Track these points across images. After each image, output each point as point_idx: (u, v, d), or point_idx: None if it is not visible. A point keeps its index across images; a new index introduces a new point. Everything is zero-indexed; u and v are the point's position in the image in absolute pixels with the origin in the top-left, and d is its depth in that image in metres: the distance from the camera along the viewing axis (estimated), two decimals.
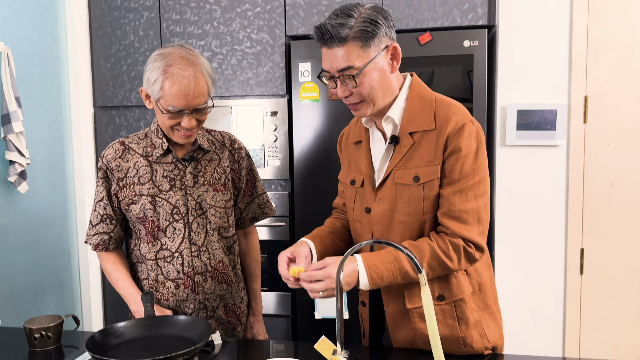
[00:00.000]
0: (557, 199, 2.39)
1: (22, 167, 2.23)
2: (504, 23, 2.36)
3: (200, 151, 1.64)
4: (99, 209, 1.62)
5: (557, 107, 2.32)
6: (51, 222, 2.55)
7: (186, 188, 1.59)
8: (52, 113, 2.58)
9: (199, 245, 1.61)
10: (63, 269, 2.64)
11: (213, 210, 1.62)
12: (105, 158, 1.61)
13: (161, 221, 1.58)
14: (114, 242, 1.64)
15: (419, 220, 1.35)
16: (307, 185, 2.58)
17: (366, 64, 1.26)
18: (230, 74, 2.63)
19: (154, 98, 1.50)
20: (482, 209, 1.32)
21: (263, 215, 1.80)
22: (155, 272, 1.60)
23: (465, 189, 1.30)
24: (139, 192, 1.58)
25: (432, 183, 1.32)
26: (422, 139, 1.33)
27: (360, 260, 1.31)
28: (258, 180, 1.79)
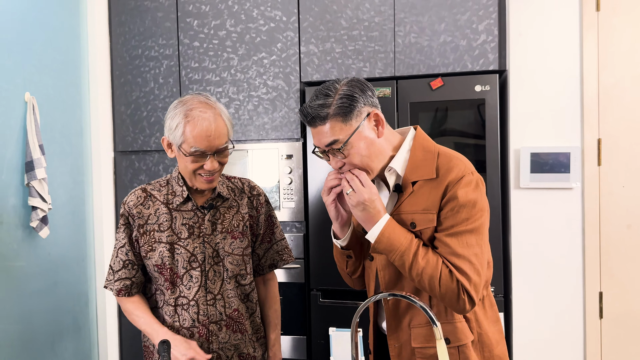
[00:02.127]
0: (573, 242, 2.37)
1: (44, 212, 2.29)
2: (514, 68, 2.40)
3: (220, 199, 1.67)
4: (120, 254, 1.64)
5: (570, 150, 2.33)
6: (70, 266, 2.59)
7: (204, 236, 1.62)
8: (74, 158, 2.65)
9: (214, 294, 1.62)
10: (81, 313, 2.66)
11: (230, 258, 1.64)
12: (127, 205, 1.65)
13: (179, 269, 1.61)
14: (136, 287, 1.66)
15: None
16: (322, 227, 2.59)
17: (349, 135, 1.32)
18: (247, 119, 2.69)
19: (176, 144, 1.55)
20: (474, 259, 1.31)
21: (282, 262, 1.81)
22: (172, 319, 1.61)
23: (457, 234, 1.31)
24: (158, 239, 1.61)
25: (428, 231, 1.35)
26: (422, 187, 1.36)
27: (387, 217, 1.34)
28: (277, 226, 1.80)
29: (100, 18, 2.78)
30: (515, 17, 2.40)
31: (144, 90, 2.80)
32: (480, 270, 1.31)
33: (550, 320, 2.40)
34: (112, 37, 2.84)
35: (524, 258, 2.42)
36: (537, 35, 2.38)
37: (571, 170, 2.32)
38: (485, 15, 2.43)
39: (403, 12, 2.51)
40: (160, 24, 2.77)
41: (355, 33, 2.56)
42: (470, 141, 2.39)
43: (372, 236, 1.34)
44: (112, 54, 2.84)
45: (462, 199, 1.31)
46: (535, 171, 2.35)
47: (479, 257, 1.32)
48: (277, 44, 2.65)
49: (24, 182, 2.27)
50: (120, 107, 2.83)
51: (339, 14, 2.58)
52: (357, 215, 1.35)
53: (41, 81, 2.43)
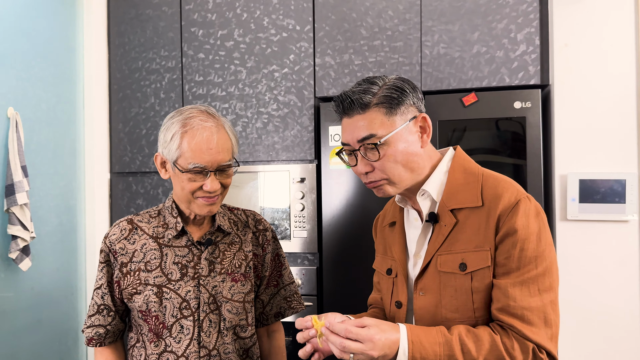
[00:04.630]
0: (629, 282, 2.05)
1: (25, 242, 2.03)
2: (559, 82, 2.11)
3: (220, 233, 1.41)
4: (96, 297, 1.40)
5: (625, 177, 2.02)
6: (57, 301, 2.33)
7: (200, 277, 1.36)
8: (66, 180, 2.41)
9: (209, 349, 1.35)
10: (68, 353, 2.39)
11: (229, 305, 1.37)
12: (109, 239, 1.39)
13: (167, 317, 1.34)
14: (111, 336, 1.41)
15: (468, 317, 1.11)
16: (338, 259, 2.31)
17: (390, 132, 1.13)
18: (255, 138, 2.43)
19: (171, 160, 1.30)
20: (549, 308, 1.06)
21: (290, 311, 1.53)
22: None
23: (527, 281, 1.06)
24: (144, 280, 1.34)
25: (482, 273, 1.09)
26: (468, 218, 1.12)
27: (404, 332, 1.06)
28: (285, 267, 1.53)
29: (98, 28, 2.56)
30: (559, 25, 2.12)
31: (143, 106, 2.56)
32: (554, 319, 1.06)
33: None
34: (110, 48, 2.62)
35: (570, 301, 2.09)
36: (585, 46, 2.09)
37: (627, 200, 2.01)
38: (524, 23, 2.15)
39: (431, 20, 2.25)
40: (162, 34, 2.54)
41: (376, 43, 2.30)
42: (508, 165, 2.09)
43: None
44: (110, 66, 2.61)
45: (523, 232, 1.07)
46: (584, 201, 2.04)
47: (554, 304, 1.06)
48: (289, 56, 2.40)
49: (2, 207, 2.02)
50: (118, 125, 2.59)
51: (358, 23, 2.32)
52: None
53: (30, 95, 2.20)
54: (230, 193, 2.38)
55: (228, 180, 1.34)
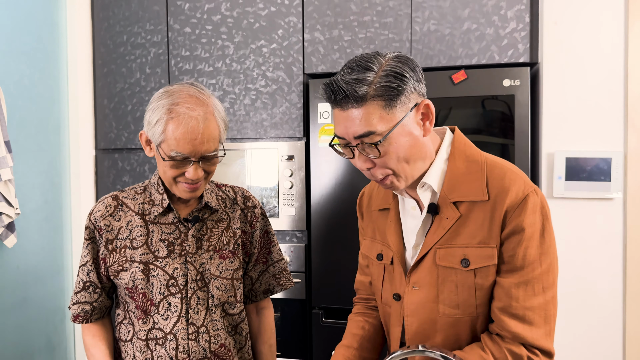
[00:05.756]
0: (612, 260, 2.08)
1: (9, 218, 2.01)
2: (548, 60, 2.11)
3: (207, 210, 1.40)
4: (82, 274, 1.38)
5: (611, 155, 2.03)
6: (43, 279, 2.31)
7: (187, 254, 1.34)
8: (50, 156, 2.37)
9: (197, 326, 1.35)
10: (55, 331, 2.38)
11: (217, 282, 1.37)
12: (94, 216, 1.37)
13: (154, 294, 1.33)
14: (97, 313, 1.40)
15: (470, 314, 1.07)
16: (326, 237, 2.31)
17: (391, 128, 1.02)
18: (243, 115, 2.41)
19: (155, 142, 1.27)
20: (551, 304, 1.04)
21: (279, 287, 1.53)
22: (144, 356, 1.34)
23: (531, 281, 1.03)
24: (130, 257, 1.33)
25: (487, 270, 1.05)
26: (471, 211, 1.06)
27: None
28: (274, 244, 1.52)
29: (81, 0, 2.49)
30: (549, 3, 2.10)
31: (129, 81, 2.51)
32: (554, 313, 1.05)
33: (587, 344, 2.11)
34: (94, 22, 2.55)
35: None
36: (575, 24, 2.08)
37: (612, 178, 2.03)
38: (515, 1, 2.14)
39: None
40: (147, 8, 2.48)
41: (366, 19, 2.27)
42: (496, 142, 2.09)
43: None
44: (94, 41, 2.55)
45: (531, 230, 1.02)
46: (570, 179, 2.06)
47: (554, 298, 1.05)
48: (277, 31, 2.36)
49: None
50: (103, 100, 2.55)
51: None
52: None
53: (12, 70, 2.14)
54: (217, 171, 2.36)
55: (212, 167, 1.31)
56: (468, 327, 1.09)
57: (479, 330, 1.10)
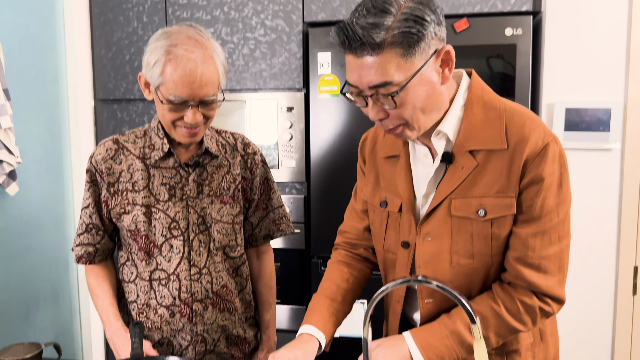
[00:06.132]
0: (608, 210, 2.11)
1: (11, 166, 2.01)
2: (551, 9, 2.08)
3: (207, 156, 1.41)
4: (84, 216, 1.40)
5: (611, 106, 2.03)
6: (46, 228, 2.34)
7: (188, 199, 1.36)
8: (49, 108, 2.36)
9: (199, 267, 1.38)
10: (59, 280, 2.42)
11: (218, 226, 1.39)
12: (95, 159, 1.38)
13: (157, 236, 1.36)
14: (100, 255, 1.43)
15: (484, 264, 1.07)
16: (326, 188, 2.33)
17: (409, 78, 0.95)
18: (242, 65, 2.38)
19: (153, 85, 1.26)
20: (565, 253, 1.05)
21: (278, 233, 1.55)
22: (148, 296, 1.38)
23: (548, 230, 1.02)
24: (132, 200, 1.35)
25: (504, 220, 1.03)
26: (489, 160, 1.03)
27: (411, 341, 1.05)
28: (274, 191, 1.54)
29: None
30: None
31: (126, 30, 2.47)
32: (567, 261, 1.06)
33: (578, 294, 2.17)
34: None
35: None
36: None
37: (611, 129, 2.04)
38: None
39: None
40: None
41: None
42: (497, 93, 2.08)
43: None
44: None
45: (549, 180, 1.00)
46: (570, 129, 2.06)
47: (569, 246, 1.05)
48: None
49: None
50: (100, 50, 2.52)
51: None
52: None
53: (7, 20, 2.10)
54: (216, 122, 2.35)
55: (211, 112, 1.30)
56: (481, 276, 1.08)
57: (491, 279, 1.09)
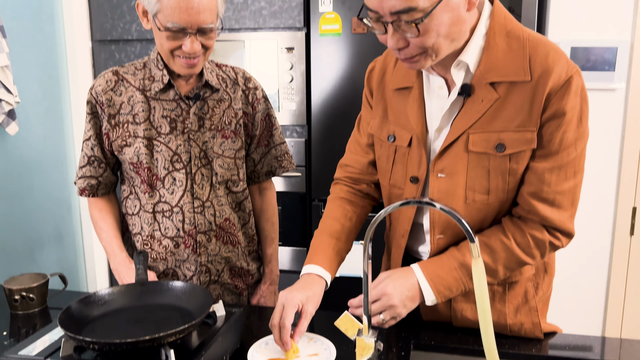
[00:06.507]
0: (610, 150, 2.10)
1: (9, 105, 2.00)
2: None
3: (208, 89, 1.39)
4: (86, 149, 1.41)
5: (617, 45, 2.00)
6: (47, 169, 2.34)
7: (189, 132, 1.36)
8: (46, 49, 2.32)
9: (202, 200, 1.39)
10: (62, 221, 2.45)
11: (220, 160, 1.39)
12: (95, 90, 1.37)
13: (159, 169, 1.36)
14: (103, 187, 1.44)
15: (499, 200, 1.06)
16: (327, 132, 2.32)
17: (435, 3, 0.88)
18: (241, 3, 2.33)
19: (151, 13, 1.24)
20: (579, 187, 1.04)
21: (281, 170, 1.56)
22: (152, 227, 1.39)
23: (565, 165, 1.01)
24: (134, 132, 1.35)
25: (523, 155, 1.01)
26: (510, 93, 0.99)
27: (419, 273, 1.06)
28: (276, 127, 1.53)
29: None
30: None
31: None
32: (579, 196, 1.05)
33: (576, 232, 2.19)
34: None
35: None
36: None
37: (616, 68, 2.01)
38: None
39: None
40: None
41: None
42: None
43: (431, 301, 1.08)
44: None
45: (571, 114, 0.97)
46: None
47: (581, 183, 1.04)
48: None
49: None
50: None
51: None
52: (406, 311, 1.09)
53: None
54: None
55: (210, 42, 1.28)
56: (494, 212, 1.08)
57: (503, 214, 1.09)
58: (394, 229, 1.22)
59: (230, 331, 1.05)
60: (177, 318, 1.02)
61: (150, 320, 1.02)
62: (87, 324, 1.00)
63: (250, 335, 1.17)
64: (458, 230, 1.10)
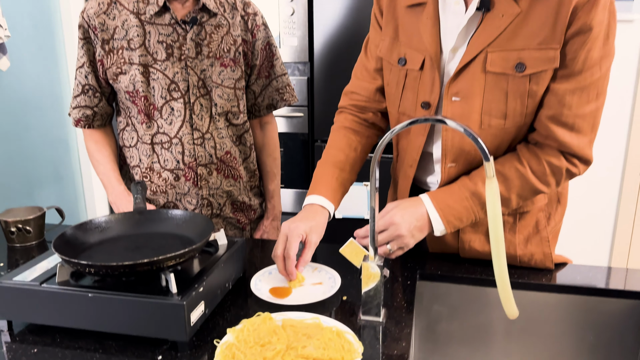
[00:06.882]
0: (624, 84, 2.03)
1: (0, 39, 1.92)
2: None
3: (205, 13, 1.32)
4: (79, 77, 1.35)
5: None
6: (43, 108, 2.28)
7: (187, 59, 1.30)
8: None
9: (202, 132, 1.34)
10: (61, 161, 2.41)
11: (219, 90, 1.34)
12: (87, 13, 1.30)
13: (156, 98, 1.31)
14: (99, 119, 1.39)
15: (516, 124, 1.00)
16: (330, 69, 2.24)
17: None
18: None
19: None
20: (600, 111, 0.98)
21: (282, 102, 1.50)
22: (150, 159, 1.35)
23: (587, 87, 0.94)
24: (129, 59, 1.28)
25: (544, 75, 0.95)
26: (533, 7, 0.92)
27: (428, 202, 1.02)
28: (277, 57, 1.46)
29: None
30: None
31: None
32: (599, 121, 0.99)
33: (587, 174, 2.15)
34: None
35: None
36: None
37: None
38: None
39: None
40: None
41: None
42: None
43: (440, 231, 1.03)
44: None
45: (598, 30, 0.90)
46: None
47: (603, 106, 0.98)
48: None
49: None
50: None
51: None
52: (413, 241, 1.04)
53: None
54: None
55: None
56: (510, 138, 1.03)
57: (519, 141, 1.05)
58: (402, 159, 1.18)
59: (233, 259, 1.02)
60: (178, 245, 0.99)
61: (149, 247, 0.99)
62: (83, 251, 0.96)
63: (252, 267, 1.14)
64: (471, 157, 1.05)
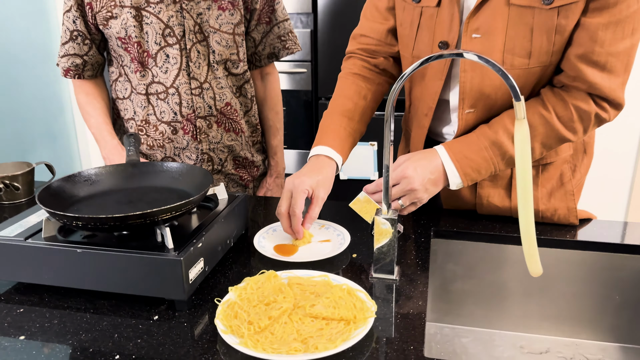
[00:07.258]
0: None
1: None
2: None
3: None
4: (67, 22, 1.25)
5: None
6: (33, 65, 2.18)
7: (182, 2, 1.19)
8: None
9: (200, 81, 1.25)
10: (54, 120, 2.32)
11: (217, 36, 1.24)
12: None
13: (150, 44, 1.21)
14: (89, 69, 1.30)
15: (541, 64, 0.91)
16: (336, 20, 2.13)
17: None
18: None
19: None
20: (635, 50, 0.89)
21: (284, 51, 1.40)
22: (145, 111, 1.27)
23: (622, 21, 0.85)
24: (120, 1, 1.18)
25: (574, 8, 0.85)
26: None
27: (444, 153, 0.94)
28: (278, 1, 1.36)
29: None
30: None
31: None
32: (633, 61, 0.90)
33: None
34: None
35: None
36: None
37: None
38: None
39: None
40: None
41: None
42: None
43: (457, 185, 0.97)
44: None
45: None
46: None
47: (638, 44, 0.88)
48: None
49: None
50: None
51: None
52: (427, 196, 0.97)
53: None
54: None
55: None
56: (534, 80, 0.94)
57: (544, 84, 0.96)
58: (415, 108, 1.09)
59: (234, 215, 0.94)
60: (174, 199, 0.91)
61: (143, 201, 0.91)
62: (71, 204, 0.89)
63: (255, 226, 1.07)
64: (491, 102, 0.96)
